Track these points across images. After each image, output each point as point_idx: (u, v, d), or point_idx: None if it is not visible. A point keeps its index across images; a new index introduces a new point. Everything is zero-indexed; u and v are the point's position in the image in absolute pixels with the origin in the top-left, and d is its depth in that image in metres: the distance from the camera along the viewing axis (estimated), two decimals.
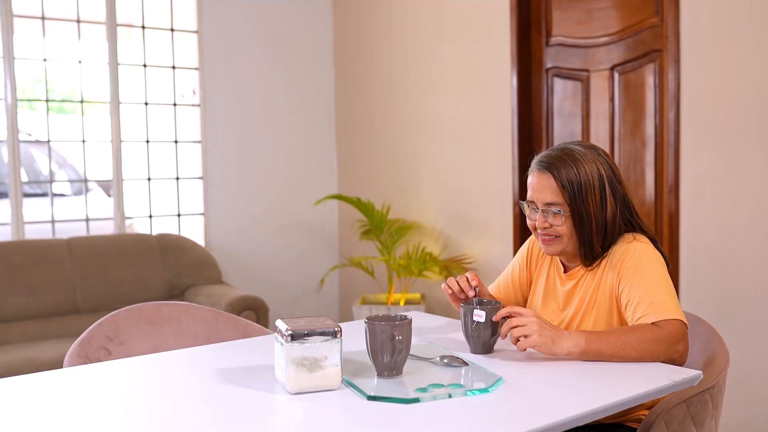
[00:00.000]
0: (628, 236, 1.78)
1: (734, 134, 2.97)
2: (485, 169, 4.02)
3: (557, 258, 1.91)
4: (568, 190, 1.75)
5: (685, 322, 1.65)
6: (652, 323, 1.62)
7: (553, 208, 1.77)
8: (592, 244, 1.77)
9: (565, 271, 1.88)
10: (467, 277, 1.81)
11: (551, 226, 1.78)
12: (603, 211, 1.76)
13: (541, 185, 1.79)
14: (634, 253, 1.74)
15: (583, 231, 1.77)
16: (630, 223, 1.81)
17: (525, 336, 1.59)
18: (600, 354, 1.58)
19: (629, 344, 1.58)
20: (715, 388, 1.64)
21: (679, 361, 1.62)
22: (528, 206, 1.83)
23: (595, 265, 1.80)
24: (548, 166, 1.77)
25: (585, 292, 1.81)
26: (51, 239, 4.00)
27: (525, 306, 2.00)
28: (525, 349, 1.62)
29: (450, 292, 1.83)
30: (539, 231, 1.81)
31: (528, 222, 1.85)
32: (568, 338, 1.58)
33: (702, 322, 1.96)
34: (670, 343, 1.59)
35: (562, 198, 1.76)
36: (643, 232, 1.80)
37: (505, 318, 1.64)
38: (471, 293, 1.79)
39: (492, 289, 2.06)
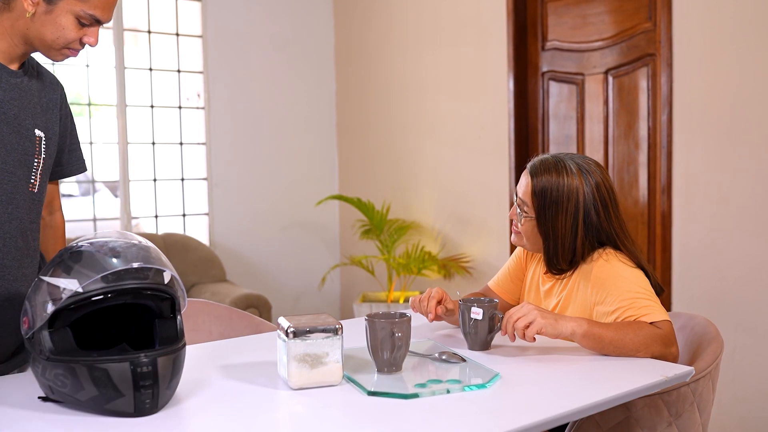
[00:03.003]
0: (599, 252, 1.79)
1: (725, 136, 3.01)
2: (483, 170, 4.06)
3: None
4: (539, 199, 1.80)
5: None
6: (650, 323, 1.64)
7: (522, 207, 1.84)
8: (557, 258, 1.81)
9: (545, 272, 1.91)
10: (427, 298, 1.84)
11: (516, 222, 1.87)
12: (572, 234, 1.78)
13: (521, 184, 1.86)
14: (606, 265, 1.75)
15: (548, 243, 1.81)
16: (602, 244, 1.80)
17: (529, 324, 1.59)
18: (600, 338, 1.59)
19: (628, 335, 1.59)
20: (704, 380, 1.66)
21: (672, 362, 1.64)
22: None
23: (565, 276, 1.84)
24: (533, 171, 1.83)
25: (560, 295, 1.85)
26: None
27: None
28: (534, 339, 1.60)
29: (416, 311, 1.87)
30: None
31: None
32: (571, 320, 1.61)
33: (696, 317, 1.98)
34: (666, 344, 1.62)
35: (530, 202, 1.82)
36: (632, 255, 1.78)
37: (502, 318, 1.66)
38: (430, 317, 1.82)
39: (491, 285, 2.08)
